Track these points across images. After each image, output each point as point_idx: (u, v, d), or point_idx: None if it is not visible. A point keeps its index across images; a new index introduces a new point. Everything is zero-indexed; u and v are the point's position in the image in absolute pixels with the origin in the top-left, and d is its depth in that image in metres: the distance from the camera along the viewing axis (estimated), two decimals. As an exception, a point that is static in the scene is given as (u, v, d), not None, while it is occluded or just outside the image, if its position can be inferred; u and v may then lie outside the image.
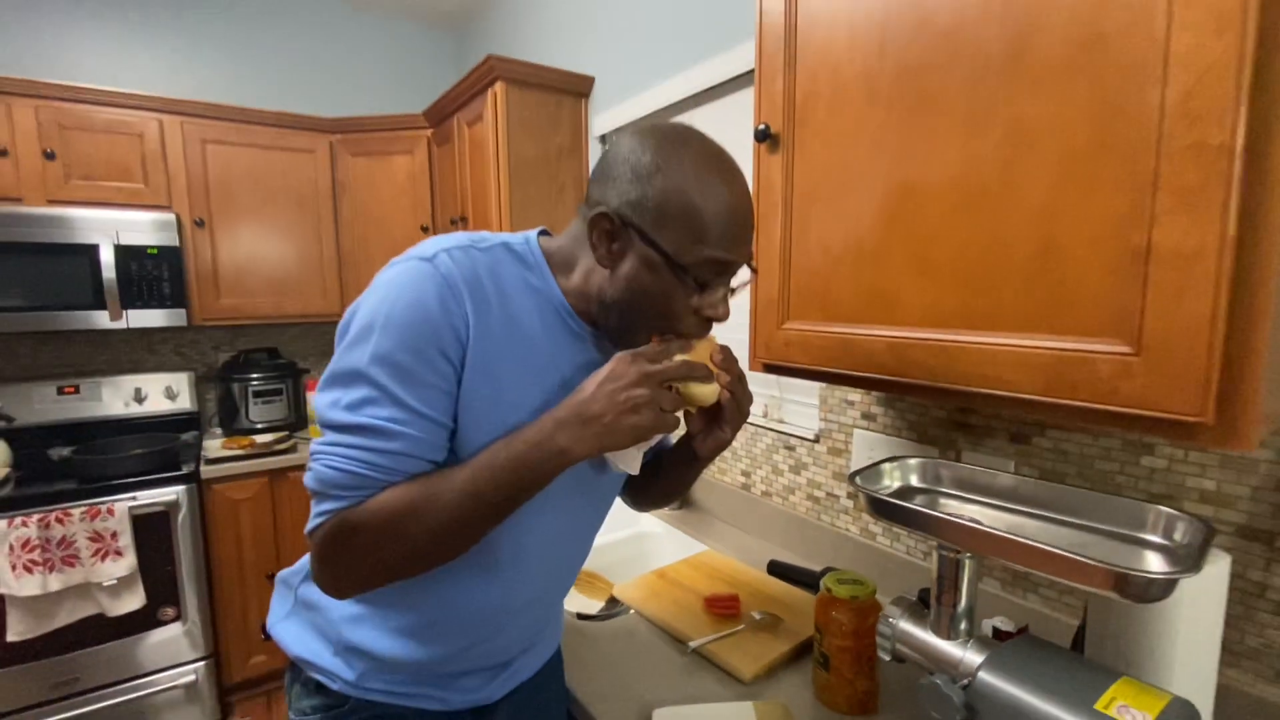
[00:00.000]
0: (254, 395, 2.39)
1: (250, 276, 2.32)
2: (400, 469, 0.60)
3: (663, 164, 0.61)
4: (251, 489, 2.12)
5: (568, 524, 0.75)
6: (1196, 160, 0.51)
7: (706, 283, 0.63)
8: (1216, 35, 0.49)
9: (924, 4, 0.69)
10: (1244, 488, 0.73)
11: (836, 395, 1.23)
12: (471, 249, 0.64)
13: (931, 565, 0.69)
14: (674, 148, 0.62)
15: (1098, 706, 0.54)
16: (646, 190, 0.61)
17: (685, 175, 0.60)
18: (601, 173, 0.65)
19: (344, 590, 0.64)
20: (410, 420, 0.59)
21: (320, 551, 0.61)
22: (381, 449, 0.59)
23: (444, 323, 0.59)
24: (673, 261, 0.61)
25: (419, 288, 0.59)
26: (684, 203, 0.60)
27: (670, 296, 0.63)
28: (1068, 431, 0.89)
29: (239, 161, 2.25)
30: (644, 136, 0.63)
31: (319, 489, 0.60)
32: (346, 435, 0.59)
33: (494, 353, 0.63)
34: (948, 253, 0.69)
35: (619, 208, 0.62)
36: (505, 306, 0.64)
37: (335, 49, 2.72)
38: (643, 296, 0.63)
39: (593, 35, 1.93)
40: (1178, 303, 0.52)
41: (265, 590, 2.16)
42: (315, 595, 0.74)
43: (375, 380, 0.59)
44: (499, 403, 0.63)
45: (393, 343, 0.58)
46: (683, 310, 0.64)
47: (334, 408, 0.60)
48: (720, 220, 0.61)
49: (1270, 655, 0.72)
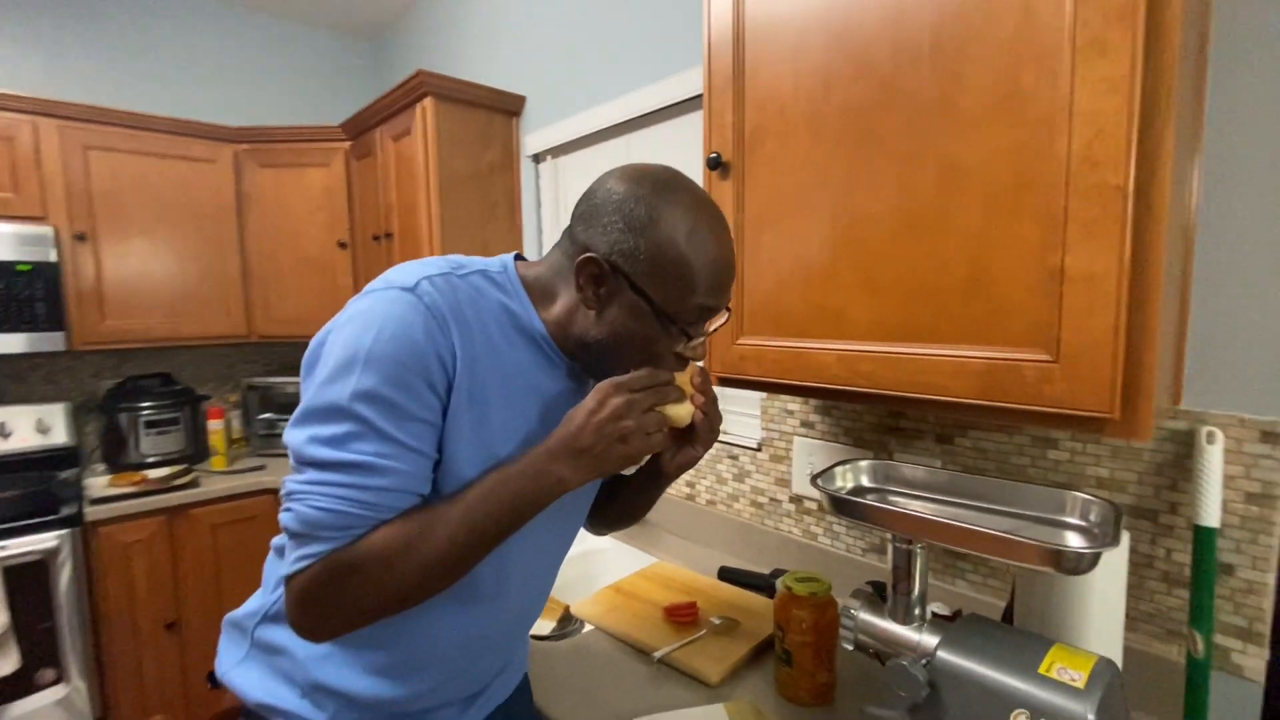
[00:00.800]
0: (145, 426, 2.17)
1: (141, 296, 2.12)
2: (389, 505, 0.58)
3: (656, 217, 0.62)
4: (146, 530, 1.92)
5: (544, 548, 0.76)
6: (1098, 198, 0.60)
7: (690, 332, 0.65)
8: (1110, 95, 0.59)
9: (863, 54, 0.78)
10: (1131, 474, 0.86)
11: (777, 405, 1.30)
12: (452, 276, 0.63)
13: (887, 557, 0.76)
14: (666, 199, 0.62)
15: (1041, 670, 0.61)
16: (639, 242, 0.61)
17: (677, 229, 0.61)
18: (589, 214, 0.65)
19: (326, 634, 0.61)
20: (398, 455, 0.58)
21: (304, 596, 0.58)
22: (369, 486, 0.57)
23: (431, 354, 0.58)
24: (661, 311, 0.63)
25: (403, 319, 0.58)
26: (675, 256, 0.61)
27: (655, 342, 0.65)
28: (986, 431, 1.00)
29: (128, 170, 2.06)
30: (636, 184, 0.63)
31: (303, 531, 0.57)
32: (331, 473, 0.57)
33: (479, 381, 0.62)
34: (891, 273, 0.77)
35: (609, 255, 0.63)
36: (487, 334, 0.64)
37: (238, 55, 2.56)
38: (628, 341, 0.65)
39: (522, 55, 1.95)
40: (1088, 317, 0.62)
41: (164, 642, 1.96)
42: (277, 637, 0.70)
43: (360, 416, 0.57)
44: (484, 431, 0.63)
45: (378, 377, 0.57)
46: (664, 352, 0.66)
47: (314, 444, 0.57)
48: (708, 272, 0.63)
49: (1160, 618, 0.85)
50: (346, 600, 0.58)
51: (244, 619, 0.74)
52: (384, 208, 2.05)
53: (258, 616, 0.73)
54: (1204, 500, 0.77)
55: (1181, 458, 0.82)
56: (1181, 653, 0.83)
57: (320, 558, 0.57)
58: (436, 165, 1.80)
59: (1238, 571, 0.79)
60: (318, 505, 0.56)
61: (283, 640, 0.69)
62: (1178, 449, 0.82)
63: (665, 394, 0.64)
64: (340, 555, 0.57)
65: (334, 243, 2.31)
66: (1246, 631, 0.78)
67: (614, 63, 1.63)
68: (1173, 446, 0.83)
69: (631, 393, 0.62)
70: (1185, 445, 0.82)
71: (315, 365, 0.61)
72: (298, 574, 0.58)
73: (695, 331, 0.66)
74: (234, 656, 0.74)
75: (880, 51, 0.76)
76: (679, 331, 0.64)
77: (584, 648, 1.05)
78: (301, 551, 0.57)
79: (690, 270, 0.62)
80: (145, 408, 2.17)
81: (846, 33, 0.79)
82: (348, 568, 0.57)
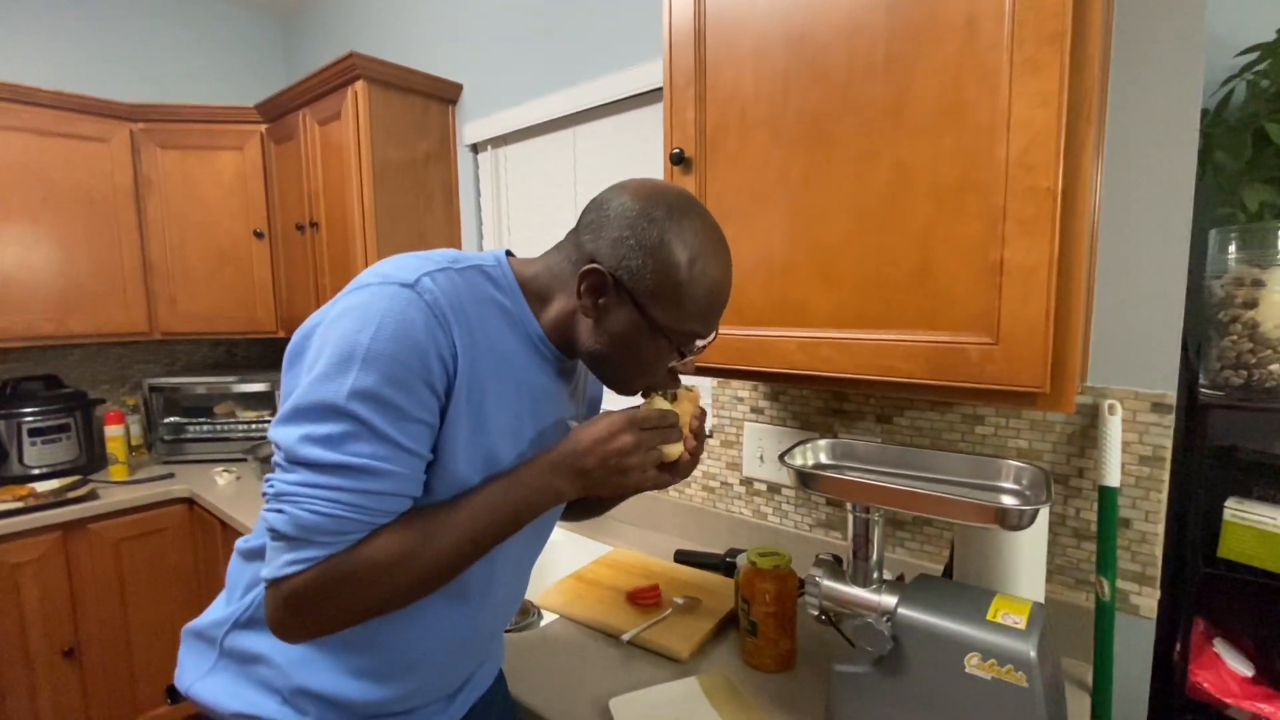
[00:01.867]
0: (29, 434, 1.95)
1: (21, 289, 1.90)
2: (385, 509, 0.58)
3: (667, 239, 0.62)
4: (37, 549, 1.74)
5: (529, 545, 0.78)
6: (1032, 198, 0.69)
7: (683, 350, 0.68)
8: (1041, 107, 0.67)
9: (820, 61, 0.83)
10: (1047, 444, 0.97)
11: (728, 393, 1.36)
12: (451, 271, 0.62)
13: (847, 528, 0.82)
14: (680, 223, 0.63)
15: (989, 618, 0.69)
16: (647, 262, 0.62)
17: (685, 255, 0.63)
18: (597, 224, 0.65)
19: (311, 636, 0.59)
20: (395, 457, 0.57)
21: (296, 600, 0.56)
22: (367, 490, 0.56)
23: (431, 354, 0.57)
24: (658, 328, 0.64)
25: (404, 316, 0.57)
26: (679, 281, 0.63)
27: (648, 355, 0.67)
28: (921, 410, 1.09)
29: (5, 149, 1.84)
30: (652, 203, 0.64)
31: (298, 535, 0.55)
32: (327, 475, 0.55)
33: (478, 380, 0.62)
34: (847, 266, 0.83)
35: (615, 269, 0.63)
36: (485, 329, 0.64)
37: (131, 24, 2.33)
38: (624, 352, 0.67)
39: (458, 41, 1.90)
40: (1024, 304, 0.70)
41: (61, 670, 1.78)
42: (252, 644, 0.67)
43: (357, 415, 0.55)
44: (481, 431, 0.64)
45: (377, 376, 0.55)
46: (657, 365, 0.69)
47: (307, 443, 0.55)
48: (706, 300, 0.65)
49: (1071, 569, 0.97)
50: (342, 605, 0.57)
51: (209, 628, 0.70)
52: (309, 195, 1.94)
53: (227, 624, 0.69)
54: (1107, 463, 0.89)
55: (1087, 428, 0.94)
56: (1089, 598, 0.95)
57: (315, 563, 0.55)
58: (369, 152, 1.73)
59: (1134, 524, 0.91)
60: (314, 509, 0.55)
61: (259, 647, 0.66)
62: (1084, 420, 0.94)
63: (669, 435, 0.67)
64: (338, 562, 0.56)
65: (249, 231, 2.16)
66: (1141, 576, 0.91)
67: (561, 54, 1.62)
68: (1080, 418, 0.94)
69: (641, 431, 0.64)
70: (1090, 417, 0.93)
71: (300, 358, 0.59)
72: (289, 578, 0.56)
73: (687, 350, 0.69)
74: (199, 668, 0.70)
75: (836, 59, 0.82)
76: (671, 347, 0.67)
77: (552, 637, 1.06)
78: (294, 555, 0.55)
79: (691, 297, 0.64)
80: (29, 414, 1.95)
81: (805, 40, 0.84)
82: (345, 574, 0.56)
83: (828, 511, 1.24)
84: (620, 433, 0.63)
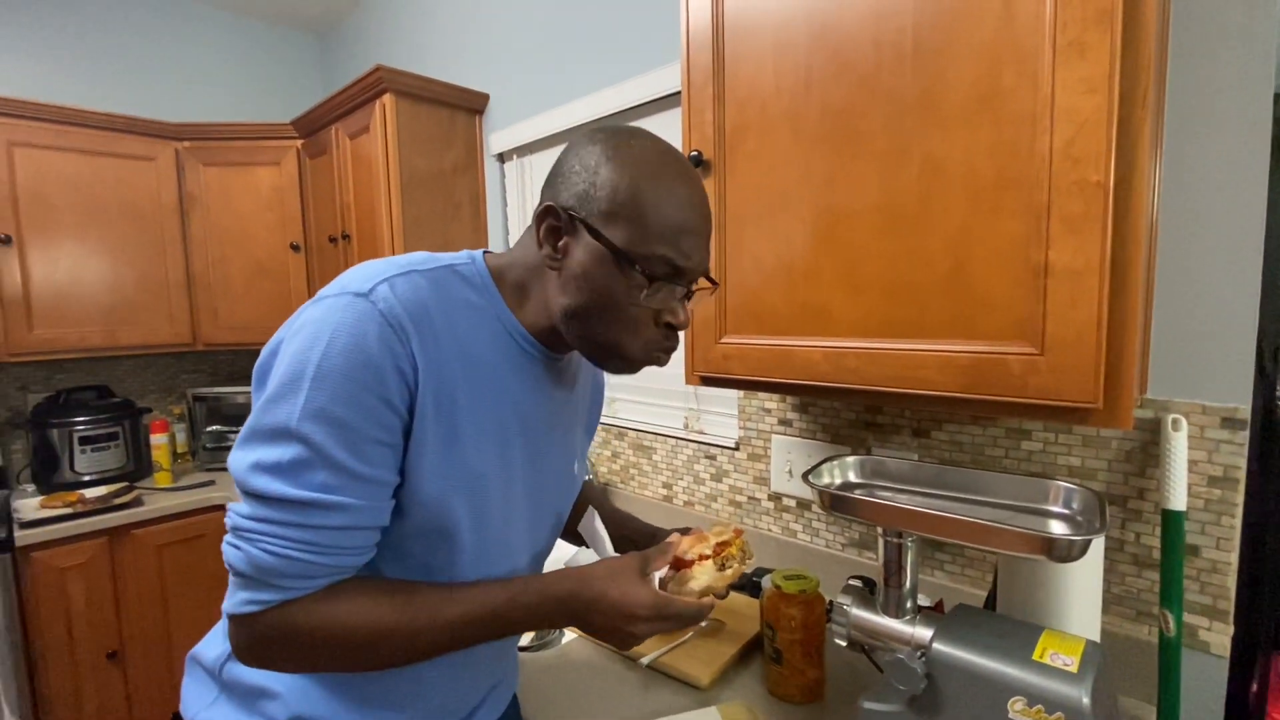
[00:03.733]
0: (80, 442, 2.03)
1: (74, 303, 1.98)
2: (347, 545, 0.55)
3: (612, 156, 0.59)
4: (84, 553, 1.80)
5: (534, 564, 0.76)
6: (1080, 194, 0.62)
7: (656, 278, 0.59)
8: (1089, 94, 0.61)
9: (844, 52, 0.78)
10: (1101, 461, 0.89)
11: (754, 404, 1.30)
12: (413, 273, 0.59)
13: (877, 552, 0.77)
14: (624, 143, 0.60)
15: (1034, 657, 0.62)
16: (594, 181, 0.59)
17: (635, 169, 0.59)
18: (552, 175, 0.63)
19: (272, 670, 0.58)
20: (349, 486, 0.53)
21: (252, 640, 0.55)
22: (324, 526, 0.53)
23: (387, 368, 0.53)
24: (620, 254, 0.58)
25: (355, 329, 0.53)
26: (633, 195, 0.58)
27: (621, 295, 0.60)
28: (961, 424, 1.02)
29: (58, 169, 1.92)
30: (594, 134, 0.62)
31: (255, 576, 0.52)
32: (281, 511, 0.52)
33: (447, 390, 0.58)
34: (875, 270, 0.78)
35: (566, 201, 0.60)
36: (455, 334, 0.59)
37: (175, 47, 2.43)
38: (593, 296, 0.60)
39: (484, 52, 1.90)
40: (1071, 310, 0.63)
41: (106, 672, 1.83)
42: (251, 676, 0.65)
43: (308, 439, 0.52)
44: (454, 444, 0.59)
45: (328, 395, 0.52)
46: (640, 316, 0.62)
47: (258, 472, 0.52)
48: (671, 211, 0.59)
49: (1131, 600, 0.88)
50: (301, 655, 0.55)
51: (209, 660, 0.69)
52: (341, 208, 1.97)
53: (224, 657, 0.67)
54: (1171, 485, 0.80)
55: (1148, 445, 0.85)
56: (1152, 632, 0.86)
57: (274, 605, 0.53)
58: (397, 164, 1.74)
59: (1203, 552, 0.82)
60: (270, 549, 0.52)
61: (259, 680, 0.64)
62: (1144, 436, 0.86)
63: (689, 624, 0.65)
64: (303, 611, 0.54)
65: (286, 245, 2.21)
66: (1212, 609, 0.82)
67: (582, 60, 1.60)
68: (1139, 434, 0.86)
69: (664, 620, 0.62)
70: (1151, 433, 0.85)
71: (266, 377, 0.57)
72: (244, 616, 0.54)
73: (668, 288, 0.61)
74: (202, 699, 0.68)
75: (861, 50, 0.76)
76: (643, 279, 0.59)
77: (568, 657, 1.02)
78: (251, 595, 0.53)
79: (650, 206, 0.58)
80: (80, 422, 2.03)
81: (827, 31, 0.79)
82: (311, 628, 0.54)
83: (861, 530, 1.17)
84: (648, 619, 0.61)
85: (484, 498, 0.63)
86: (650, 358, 0.65)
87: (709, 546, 0.69)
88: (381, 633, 0.55)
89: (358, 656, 0.56)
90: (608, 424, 1.65)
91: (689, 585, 0.66)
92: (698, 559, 0.68)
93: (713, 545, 0.70)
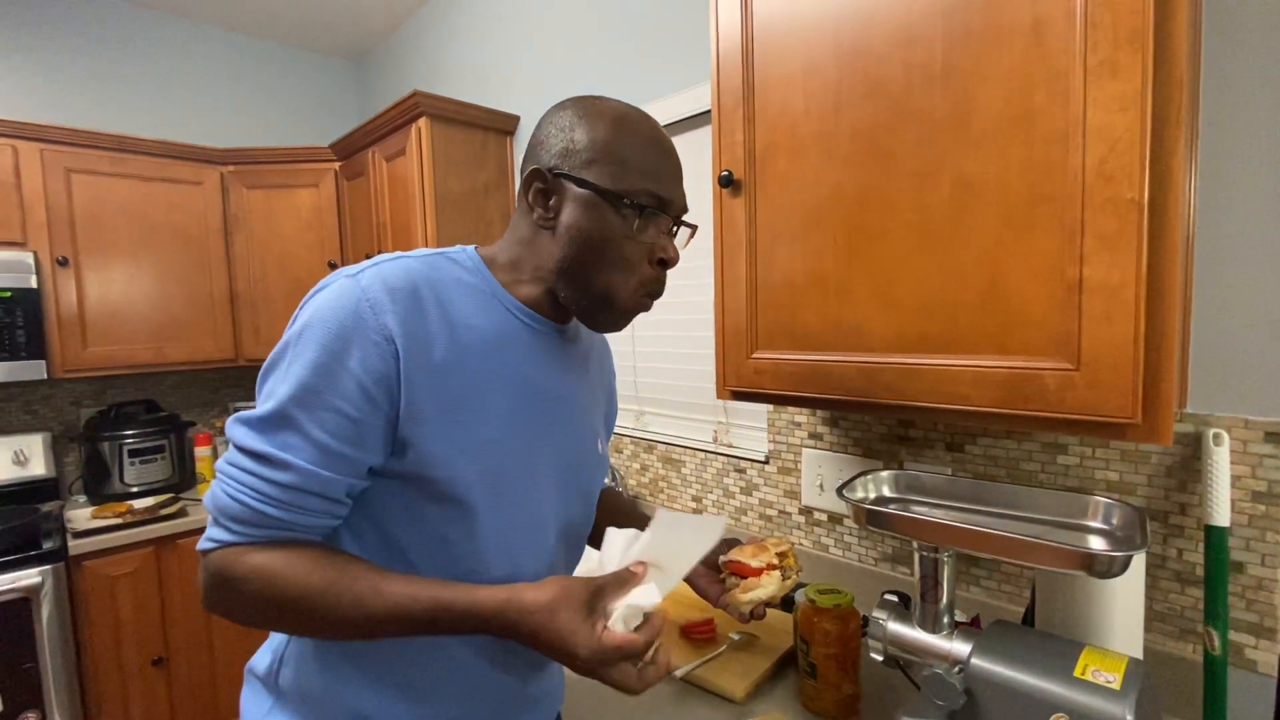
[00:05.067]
0: (129, 455, 2.11)
1: (126, 321, 2.07)
2: (294, 504, 0.57)
3: (584, 114, 0.65)
4: (132, 562, 1.86)
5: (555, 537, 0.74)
6: (1114, 211, 0.63)
7: (644, 209, 0.64)
8: (1121, 113, 0.62)
9: (874, 74, 0.80)
10: (1141, 476, 0.88)
11: (784, 418, 1.31)
12: (405, 258, 0.63)
13: (913, 566, 0.77)
14: (591, 102, 0.67)
15: (1076, 674, 0.62)
16: (572, 137, 0.64)
17: (608, 120, 0.65)
18: (531, 146, 0.68)
19: (233, 621, 0.60)
20: (303, 449, 0.56)
21: (206, 577, 0.59)
22: (275, 480, 0.56)
23: (358, 339, 0.56)
24: (608, 193, 0.63)
25: (336, 304, 0.57)
26: (607, 139, 0.63)
27: (615, 234, 0.63)
28: (996, 439, 1.02)
29: (112, 194, 2.02)
30: (561, 103, 0.68)
31: (213, 513, 0.58)
32: (243, 459, 0.57)
33: (438, 360, 0.60)
34: (908, 287, 0.79)
35: (549, 163, 0.65)
36: (445, 309, 0.62)
37: (223, 76, 2.54)
38: (588, 243, 0.64)
39: (515, 74, 1.96)
40: (1107, 326, 0.64)
41: (151, 679, 1.89)
42: (302, 680, 0.67)
43: (278, 399, 0.56)
44: (456, 412, 0.61)
45: (302, 362, 0.56)
46: (633, 254, 0.65)
47: (236, 423, 0.58)
48: (645, 151, 0.64)
49: (1174, 617, 0.87)
50: (236, 600, 0.58)
51: (262, 670, 0.71)
52: (377, 227, 2.03)
53: (277, 666, 0.70)
54: (1214, 500, 0.79)
55: (1189, 459, 0.84)
56: (1196, 650, 0.85)
57: (218, 546, 0.58)
58: (432, 184, 1.80)
59: (1248, 569, 0.81)
60: (228, 493, 0.57)
61: (305, 685, 0.67)
62: (1185, 451, 0.85)
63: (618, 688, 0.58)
64: (232, 559, 0.57)
65: (324, 263, 2.28)
66: (1259, 627, 0.80)
67: (610, 82, 1.64)
68: (1180, 449, 0.85)
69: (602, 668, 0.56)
70: (1192, 447, 0.84)
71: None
72: (205, 553, 0.59)
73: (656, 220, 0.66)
74: (259, 708, 0.70)
75: (891, 71, 0.78)
76: (634, 211, 0.63)
77: (603, 668, 1.03)
78: (211, 532, 0.59)
79: (629, 147, 0.64)
80: (129, 436, 2.11)
81: (856, 54, 0.81)
82: (236, 578, 0.57)
83: (894, 544, 1.17)
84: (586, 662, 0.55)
85: (498, 464, 0.64)
86: (639, 303, 0.68)
87: (772, 556, 0.70)
88: (300, 596, 0.56)
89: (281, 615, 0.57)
90: (638, 437, 1.67)
91: (754, 594, 0.66)
92: (765, 568, 0.68)
93: (774, 555, 0.70)
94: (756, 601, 0.65)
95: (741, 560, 0.69)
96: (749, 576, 0.66)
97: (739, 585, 0.67)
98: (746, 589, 0.66)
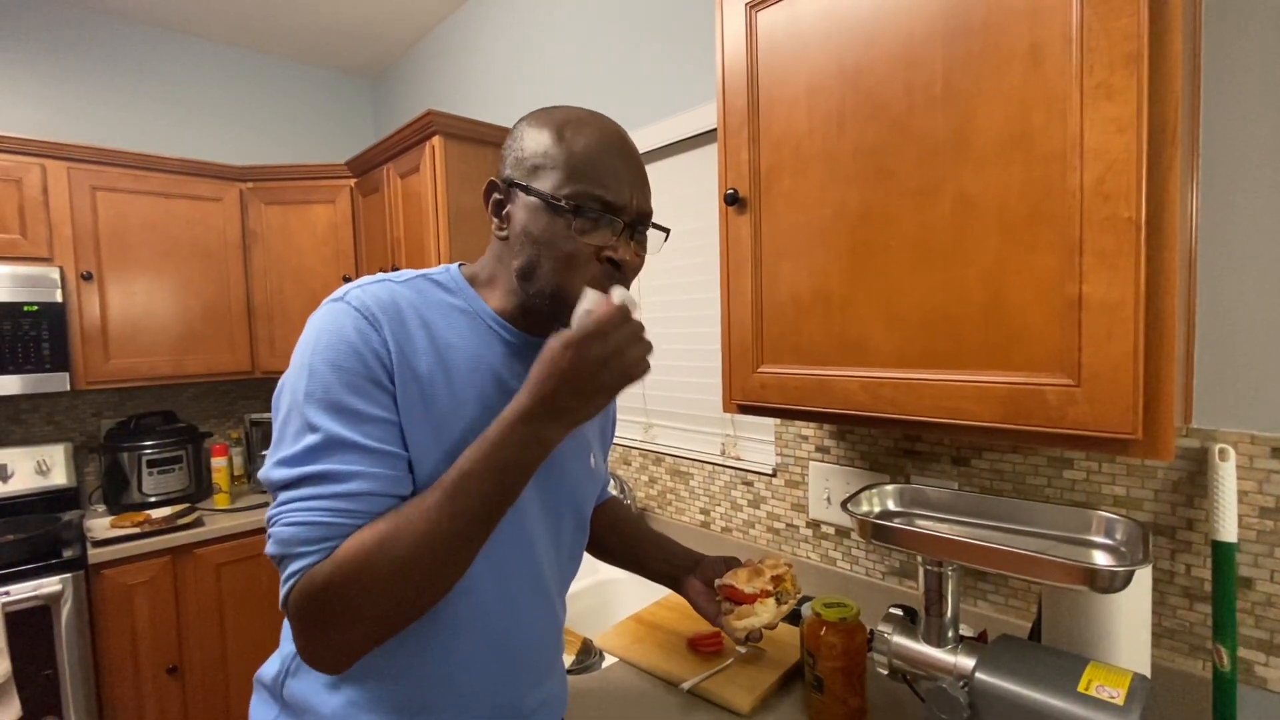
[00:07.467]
0: (148, 465, 2.15)
1: (147, 334, 2.12)
2: (365, 510, 0.57)
3: (533, 122, 0.67)
4: (149, 571, 1.89)
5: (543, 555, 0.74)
6: (1112, 230, 0.64)
7: (584, 212, 0.63)
8: (1118, 134, 0.63)
9: (875, 95, 0.82)
10: (1148, 491, 0.88)
11: (791, 431, 1.32)
12: (386, 282, 0.66)
13: (918, 580, 0.77)
14: (545, 110, 0.68)
15: (1080, 689, 0.62)
16: (521, 146, 0.66)
17: (553, 126, 0.65)
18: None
19: (338, 661, 0.58)
20: (361, 458, 0.57)
21: (298, 622, 0.57)
22: (338, 493, 0.56)
23: (367, 351, 0.59)
24: (546, 198, 0.63)
25: (335, 324, 0.60)
26: (551, 146, 0.64)
27: (558, 236, 0.63)
28: (1002, 453, 1.02)
29: (135, 210, 2.08)
30: (525, 115, 0.70)
31: (282, 552, 0.56)
32: (298, 489, 0.57)
33: (423, 374, 0.62)
34: (911, 302, 0.80)
35: (502, 174, 0.68)
36: (430, 330, 0.64)
37: (243, 95, 2.61)
38: (535, 247, 0.64)
39: (527, 94, 2.00)
40: (1108, 342, 0.65)
41: (165, 687, 1.91)
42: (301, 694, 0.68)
43: (316, 426, 0.57)
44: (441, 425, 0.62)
45: (324, 384, 0.58)
46: (578, 253, 0.63)
47: (279, 467, 0.58)
48: (590, 158, 0.64)
49: (1183, 634, 0.86)
50: (338, 612, 0.56)
51: (269, 679, 0.72)
52: (391, 242, 2.07)
53: (282, 675, 0.71)
54: (1220, 516, 0.79)
55: (1195, 475, 0.85)
56: (1205, 667, 0.84)
57: (300, 575, 0.56)
58: (445, 201, 1.83)
59: (1256, 585, 0.81)
60: (289, 522, 0.56)
61: (307, 697, 0.68)
62: (1191, 466, 0.85)
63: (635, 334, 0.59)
64: (315, 569, 0.56)
65: (339, 277, 2.32)
66: (1268, 644, 0.80)
67: (618, 101, 1.68)
68: (1185, 464, 0.85)
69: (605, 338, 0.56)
70: (1198, 462, 0.84)
71: (279, 398, 0.63)
72: (287, 599, 0.57)
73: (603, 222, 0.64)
74: (265, 717, 0.72)
75: (893, 93, 0.80)
76: (570, 214, 0.62)
77: (610, 681, 1.04)
78: (285, 573, 0.57)
79: (570, 153, 0.64)
80: (148, 447, 2.15)
81: (859, 77, 0.83)
82: (325, 580, 0.55)
83: (901, 558, 1.17)
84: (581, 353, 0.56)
85: None
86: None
87: (767, 581, 0.70)
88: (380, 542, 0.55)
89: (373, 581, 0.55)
90: (646, 449, 1.68)
91: (747, 621, 0.66)
92: (760, 594, 0.68)
93: (769, 580, 0.70)
94: (750, 629, 0.65)
95: (735, 586, 0.68)
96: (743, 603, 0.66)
97: (734, 612, 0.67)
98: (741, 615, 0.67)
